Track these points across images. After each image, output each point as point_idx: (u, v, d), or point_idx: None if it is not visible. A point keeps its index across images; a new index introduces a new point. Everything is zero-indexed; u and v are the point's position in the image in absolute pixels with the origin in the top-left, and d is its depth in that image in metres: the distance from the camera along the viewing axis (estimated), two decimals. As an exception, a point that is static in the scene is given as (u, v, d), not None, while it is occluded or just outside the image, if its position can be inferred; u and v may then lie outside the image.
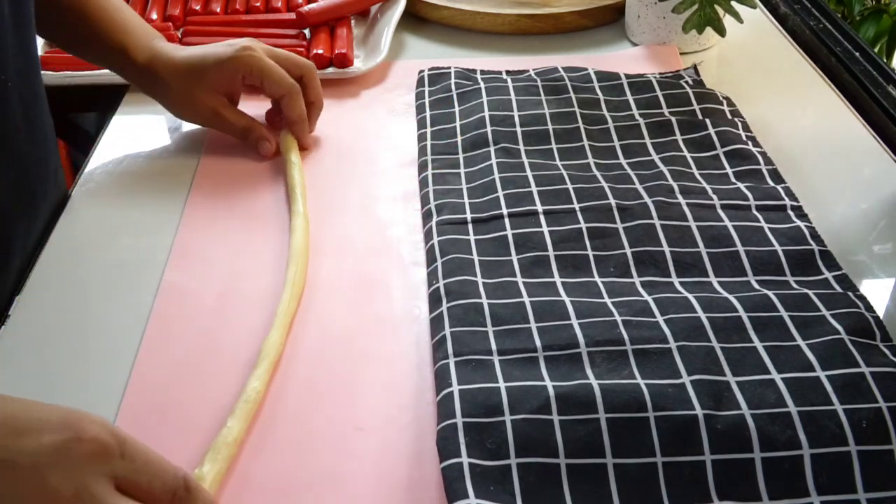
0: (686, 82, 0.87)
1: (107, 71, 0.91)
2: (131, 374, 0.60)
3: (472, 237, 0.68)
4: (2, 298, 0.66)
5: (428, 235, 0.70)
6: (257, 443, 0.55)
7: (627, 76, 0.87)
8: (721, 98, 0.84)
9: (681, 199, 0.70)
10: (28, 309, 0.65)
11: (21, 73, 0.68)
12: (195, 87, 0.79)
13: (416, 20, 1.04)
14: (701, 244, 0.66)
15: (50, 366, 0.61)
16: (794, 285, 0.63)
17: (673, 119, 0.81)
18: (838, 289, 0.63)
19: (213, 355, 0.61)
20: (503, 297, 0.62)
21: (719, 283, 0.64)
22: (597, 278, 0.64)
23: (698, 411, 0.52)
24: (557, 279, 0.64)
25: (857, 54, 0.91)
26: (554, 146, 0.78)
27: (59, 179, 0.77)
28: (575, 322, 0.59)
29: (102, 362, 0.61)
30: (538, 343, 0.58)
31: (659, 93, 0.85)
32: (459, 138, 0.80)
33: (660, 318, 0.59)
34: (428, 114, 0.85)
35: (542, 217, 0.69)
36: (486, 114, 0.81)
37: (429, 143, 0.81)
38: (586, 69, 0.88)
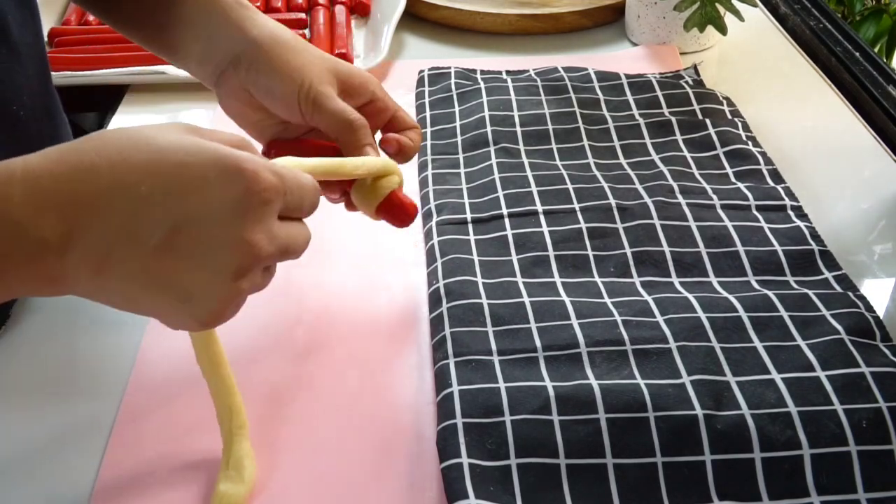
0: (686, 82, 0.87)
1: (107, 71, 0.91)
2: (131, 373, 0.60)
3: (472, 237, 0.68)
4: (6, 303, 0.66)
5: (428, 235, 0.70)
6: (257, 444, 0.55)
7: (627, 76, 0.87)
8: (721, 98, 0.84)
9: (681, 199, 0.70)
10: (28, 309, 0.65)
11: (35, 97, 0.67)
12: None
13: (416, 20, 1.04)
14: (701, 244, 0.66)
15: (50, 366, 0.61)
16: (794, 285, 0.63)
17: (673, 119, 0.81)
18: (838, 289, 0.63)
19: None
20: (503, 297, 0.62)
21: (719, 283, 0.64)
22: (597, 278, 0.64)
23: (698, 411, 0.52)
24: (557, 279, 0.64)
25: (857, 54, 0.91)
26: (554, 146, 0.78)
27: None
28: (575, 322, 0.59)
29: (102, 362, 0.61)
30: (538, 343, 0.58)
31: (659, 93, 0.85)
32: (459, 138, 0.80)
33: (660, 318, 0.59)
34: (428, 114, 0.85)
35: (542, 217, 0.69)
36: (486, 114, 0.81)
37: (429, 142, 0.81)
38: (586, 69, 0.88)
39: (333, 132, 0.59)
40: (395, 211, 0.60)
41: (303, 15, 1.04)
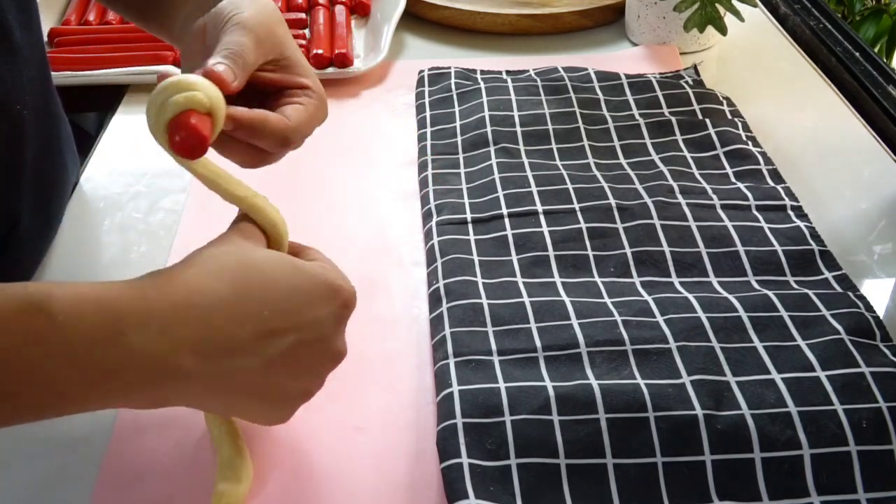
0: (686, 82, 0.87)
1: (107, 71, 0.91)
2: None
3: (472, 237, 0.68)
4: None
5: (428, 235, 0.70)
6: (258, 444, 0.55)
7: (627, 76, 0.87)
8: (721, 98, 0.84)
9: (681, 199, 0.70)
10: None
11: (36, 96, 0.67)
12: None
13: (416, 20, 1.04)
14: (701, 244, 0.66)
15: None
16: (794, 285, 0.63)
17: (673, 119, 0.81)
18: (838, 289, 0.63)
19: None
20: (503, 297, 0.62)
21: (719, 283, 0.64)
22: (597, 278, 0.64)
23: (698, 411, 0.52)
24: (557, 279, 0.64)
25: (857, 54, 0.91)
26: (554, 146, 0.78)
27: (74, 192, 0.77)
28: (575, 322, 0.59)
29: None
30: (538, 343, 0.58)
31: (659, 93, 0.85)
32: (459, 138, 0.80)
33: (660, 318, 0.59)
34: (428, 114, 0.85)
35: (542, 217, 0.69)
36: (486, 114, 0.81)
37: (429, 143, 0.81)
38: (586, 69, 0.88)
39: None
40: (181, 134, 0.47)
41: (303, 15, 1.04)
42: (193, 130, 0.46)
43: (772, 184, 0.73)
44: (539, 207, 0.70)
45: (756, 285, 0.63)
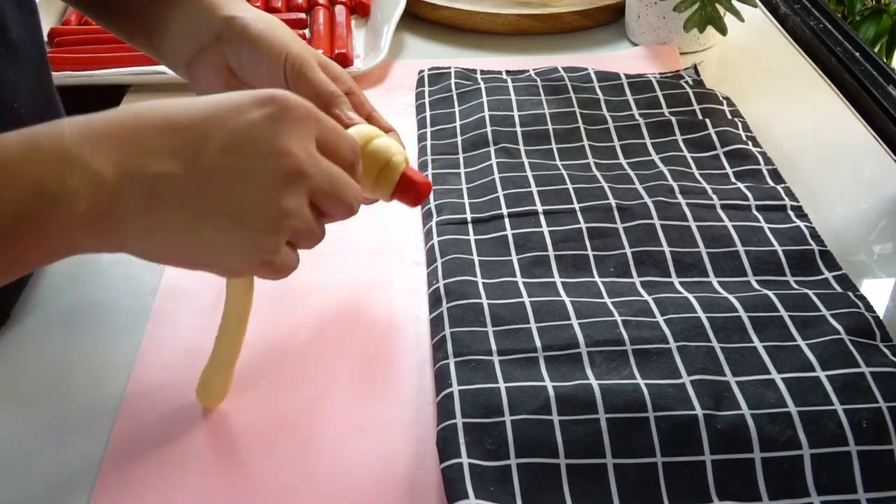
0: (686, 82, 0.87)
1: (107, 71, 0.91)
2: (131, 374, 0.60)
3: (472, 237, 0.68)
4: (4, 300, 0.66)
5: (428, 235, 0.70)
6: (258, 442, 0.55)
7: (627, 76, 0.87)
8: (721, 98, 0.84)
9: (681, 199, 0.70)
10: (28, 309, 0.65)
11: (35, 95, 0.67)
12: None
13: (416, 20, 1.04)
14: (701, 244, 0.66)
15: (50, 366, 0.61)
16: (794, 285, 0.63)
17: (673, 119, 0.81)
18: (838, 289, 0.63)
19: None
20: (503, 297, 0.62)
21: (719, 283, 0.64)
22: (597, 278, 0.64)
23: (698, 411, 0.52)
24: (557, 279, 0.64)
25: (857, 54, 0.91)
26: (554, 146, 0.78)
27: None
28: (575, 322, 0.59)
29: (103, 362, 0.61)
30: (538, 343, 0.58)
31: (659, 93, 0.85)
32: (459, 138, 0.80)
33: (660, 318, 0.59)
34: (428, 114, 0.85)
35: (542, 217, 0.69)
36: (486, 114, 0.81)
37: (429, 143, 0.81)
38: (586, 69, 0.88)
39: (314, 102, 0.57)
40: (409, 192, 0.58)
41: (303, 15, 1.04)
42: (418, 186, 0.58)
43: (772, 184, 0.73)
44: (539, 207, 0.70)
45: (756, 285, 0.63)
